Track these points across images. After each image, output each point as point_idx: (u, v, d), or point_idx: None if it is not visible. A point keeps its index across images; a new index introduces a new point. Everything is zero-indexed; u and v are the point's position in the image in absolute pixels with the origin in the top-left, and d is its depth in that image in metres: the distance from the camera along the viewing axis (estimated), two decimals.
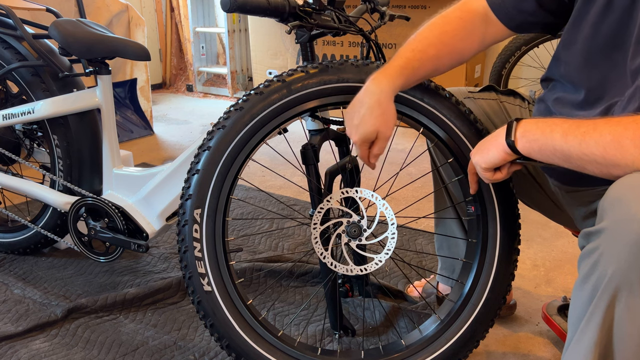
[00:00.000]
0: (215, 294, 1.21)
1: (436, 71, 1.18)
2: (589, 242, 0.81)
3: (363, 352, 1.27)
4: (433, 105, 1.23)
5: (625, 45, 0.95)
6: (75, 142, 1.75)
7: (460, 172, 1.26)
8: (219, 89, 4.69)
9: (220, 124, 1.21)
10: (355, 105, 1.13)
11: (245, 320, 1.22)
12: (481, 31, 1.16)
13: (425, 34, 1.15)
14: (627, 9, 0.94)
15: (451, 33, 1.15)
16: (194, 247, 1.21)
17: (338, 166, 1.37)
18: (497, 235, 1.25)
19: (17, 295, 1.71)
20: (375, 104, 1.10)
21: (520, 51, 3.03)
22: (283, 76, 1.22)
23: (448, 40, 1.15)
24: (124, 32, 3.15)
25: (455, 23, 1.15)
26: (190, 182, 1.21)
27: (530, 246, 2.00)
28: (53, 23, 1.64)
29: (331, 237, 1.26)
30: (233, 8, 1.16)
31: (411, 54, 1.13)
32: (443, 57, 1.15)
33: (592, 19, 0.99)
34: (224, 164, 1.20)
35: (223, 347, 1.22)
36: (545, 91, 1.16)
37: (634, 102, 0.91)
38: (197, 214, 1.20)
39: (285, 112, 1.22)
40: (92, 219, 1.70)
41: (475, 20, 1.15)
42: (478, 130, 1.24)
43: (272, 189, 2.58)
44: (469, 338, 1.26)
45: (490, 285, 1.26)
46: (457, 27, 1.15)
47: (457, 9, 1.17)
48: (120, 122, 3.37)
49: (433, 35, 1.15)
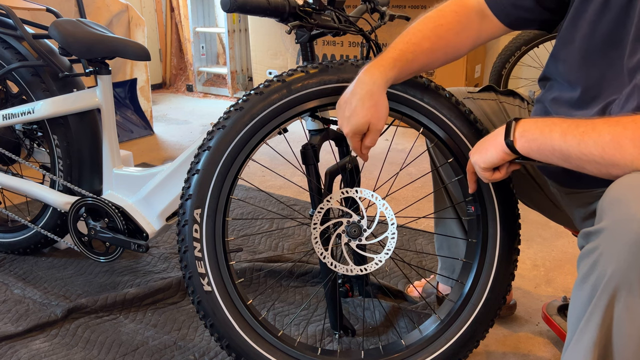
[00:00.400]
0: (215, 294, 1.21)
1: (430, 65, 1.16)
2: (589, 242, 0.81)
3: (363, 352, 1.27)
4: (433, 105, 1.23)
5: (623, 44, 0.95)
6: (75, 142, 1.75)
7: (460, 172, 1.26)
8: (219, 89, 4.70)
9: (220, 124, 1.21)
10: (347, 96, 1.11)
11: (245, 320, 1.22)
12: (476, 26, 1.16)
13: (419, 27, 1.14)
14: (625, 7, 0.94)
15: (446, 27, 1.14)
16: (194, 247, 1.21)
17: (338, 166, 1.37)
18: (497, 235, 1.25)
19: (17, 295, 1.71)
20: (366, 95, 1.08)
21: (520, 51, 3.03)
22: (283, 76, 1.22)
23: (443, 33, 1.14)
24: (124, 32, 3.15)
25: (451, 17, 1.15)
26: (190, 182, 1.21)
27: (530, 246, 2.00)
28: (53, 23, 1.64)
29: (331, 237, 1.26)
30: (233, 8, 1.17)
31: (405, 46, 1.12)
32: (437, 51, 1.14)
33: (590, 17, 0.99)
34: (224, 164, 1.20)
35: (223, 347, 1.22)
36: (543, 91, 1.16)
37: (632, 100, 0.91)
38: (197, 214, 1.20)
39: (285, 112, 1.22)
40: (92, 219, 1.70)
41: (471, 15, 1.15)
42: (478, 130, 1.24)
43: (272, 189, 2.58)
44: (469, 338, 1.26)
45: (490, 285, 1.26)
46: (452, 21, 1.14)
47: (453, 3, 1.16)
48: (120, 122, 3.37)
49: (427, 29, 1.14)
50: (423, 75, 1.26)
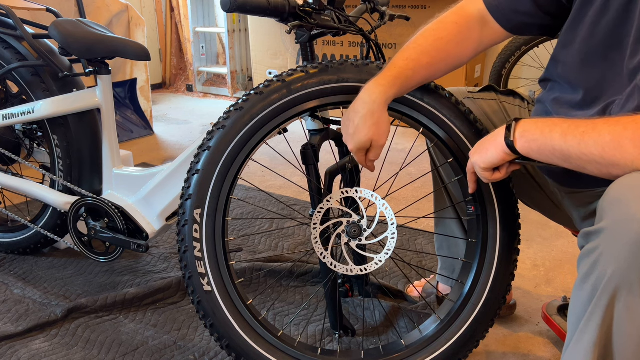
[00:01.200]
0: (215, 294, 1.21)
1: (431, 77, 1.19)
2: (589, 242, 0.81)
3: (363, 352, 1.27)
4: (433, 105, 1.23)
5: (623, 45, 0.95)
6: (75, 142, 1.75)
7: (460, 172, 1.26)
8: (219, 89, 4.70)
9: (220, 124, 1.21)
10: (350, 115, 1.14)
11: (245, 320, 1.22)
12: (477, 34, 1.16)
13: (419, 41, 1.16)
14: (625, 8, 0.94)
15: (446, 39, 1.15)
16: (194, 247, 1.21)
17: (338, 166, 1.37)
18: (497, 235, 1.25)
19: (17, 295, 1.71)
20: (368, 114, 1.11)
21: (520, 51, 3.03)
22: (283, 76, 1.22)
23: (443, 46, 1.15)
24: (124, 32, 3.15)
25: (451, 28, 1.16)
26: (190, 182, 1.21)
27: (531, 246, 2.00)
28: (53, 23, 1.64)
29: (331, 237, 1.26)
30: (233, 8, 1.16)
31: (404, 62, 1.14)
32: (437, 64, 1.16)
33: (590, 20, 0.99)
34: (223, 164, 1.20)
35: (223, 347, 1.22)
36: (544, 92, 1.16)
37: (632, 100, 0.91)
38: (197, 214, 1.20)
39: (285, 112, 1.22)
40: (92, 219, 1.70)
41: (471, 23, 1.15)
42: (478, 130, 1.24)
43: (272, 189, 2.58)
44: (469, 338, 1.26)
45: (490, 285, 1.25)
46: (452, 32, 1.15)
47: (453, 14, 1.17)
48: (120, 122, 3.37)
49: (427, 43, 1.15)
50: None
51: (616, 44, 0.96)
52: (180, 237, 1.22)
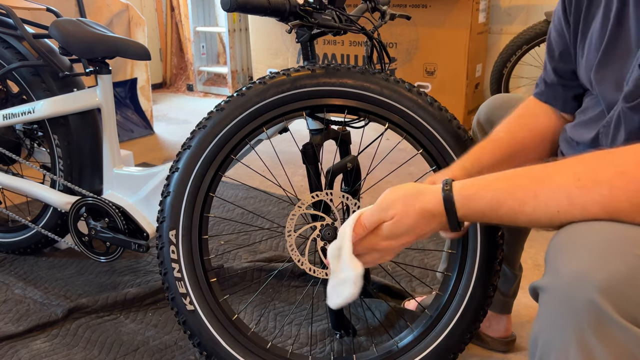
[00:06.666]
0: (199, 312, 1.21)
1: None
2: (538, 297, 0.74)
3: (355, 357, 1.25)
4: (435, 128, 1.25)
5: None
6: (76, 141, 1.75)
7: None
8: (219, 88, 4.69)
9: (186, 144, 1.24)
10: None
11: (232, 335, 1.21)
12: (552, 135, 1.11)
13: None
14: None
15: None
16: (172, 267, 1.22)
17: (338, 166, 1.37)
18: (477, 246, 1.19)
19: (18, 295, 1.71)
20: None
21: (521, 50, 3.02)
22: (265, 79, 1.23)
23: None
24: (124, 32, 3.15)
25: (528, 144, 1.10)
26: (164, 204, 1.23)
27: (532, 246, 2.00)
28: (53, 23, 1.64)
29: (314, 243, 1.23)
30: (233, 7, 1.16)
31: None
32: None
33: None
34: (193, 183, 1.22)
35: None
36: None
37: (619, 130, 0.84)
38: (173, 235, 1.22)
39: (247, 125, 1.23)
40: (92, 218, 1.70)
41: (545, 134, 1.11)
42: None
43: (272, 189, 2.57)
44: (444, 351, 1.19)
45: (468, 296, 1.18)
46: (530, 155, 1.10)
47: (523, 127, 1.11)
48: (121, 121, 3.37)
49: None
50: (427, 93, 1.25)
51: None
52: (159, 260, 1.24)
